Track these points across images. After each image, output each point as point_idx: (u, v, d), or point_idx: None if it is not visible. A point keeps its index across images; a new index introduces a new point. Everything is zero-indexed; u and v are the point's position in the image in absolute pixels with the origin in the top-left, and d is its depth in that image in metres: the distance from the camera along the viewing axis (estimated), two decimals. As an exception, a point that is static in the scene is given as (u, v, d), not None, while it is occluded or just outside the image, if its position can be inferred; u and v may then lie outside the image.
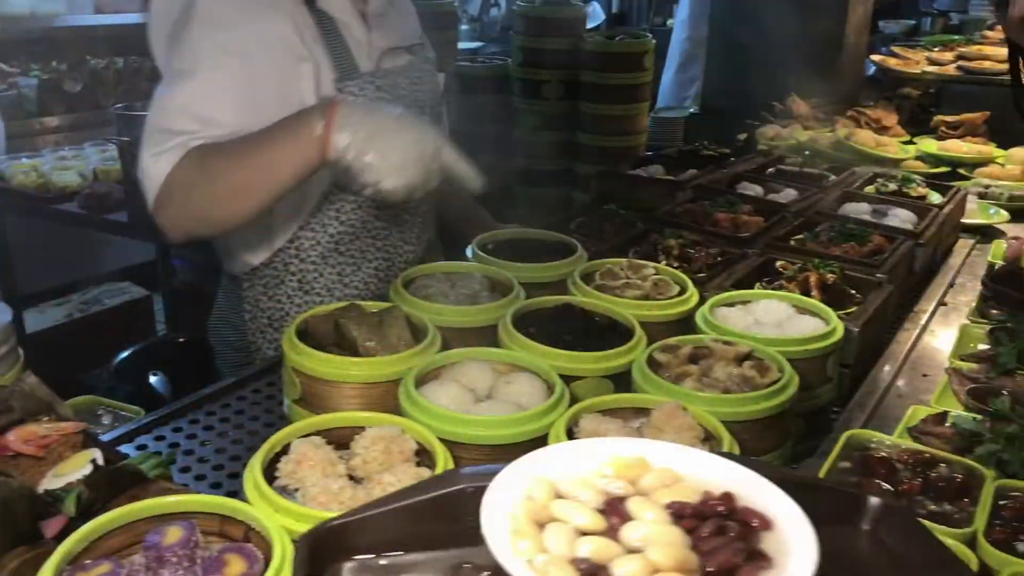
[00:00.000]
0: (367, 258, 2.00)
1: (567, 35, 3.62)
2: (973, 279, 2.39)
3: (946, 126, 3.70)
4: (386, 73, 1.92)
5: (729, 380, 1.40)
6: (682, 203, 2.35)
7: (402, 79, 1.96)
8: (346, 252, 1.97)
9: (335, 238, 1.95)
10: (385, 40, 1.93)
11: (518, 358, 1.41)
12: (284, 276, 1.97)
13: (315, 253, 1.96)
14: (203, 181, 1.65)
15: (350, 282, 1.99)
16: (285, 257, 1.96)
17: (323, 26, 1.85)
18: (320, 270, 1.97)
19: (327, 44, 1.85)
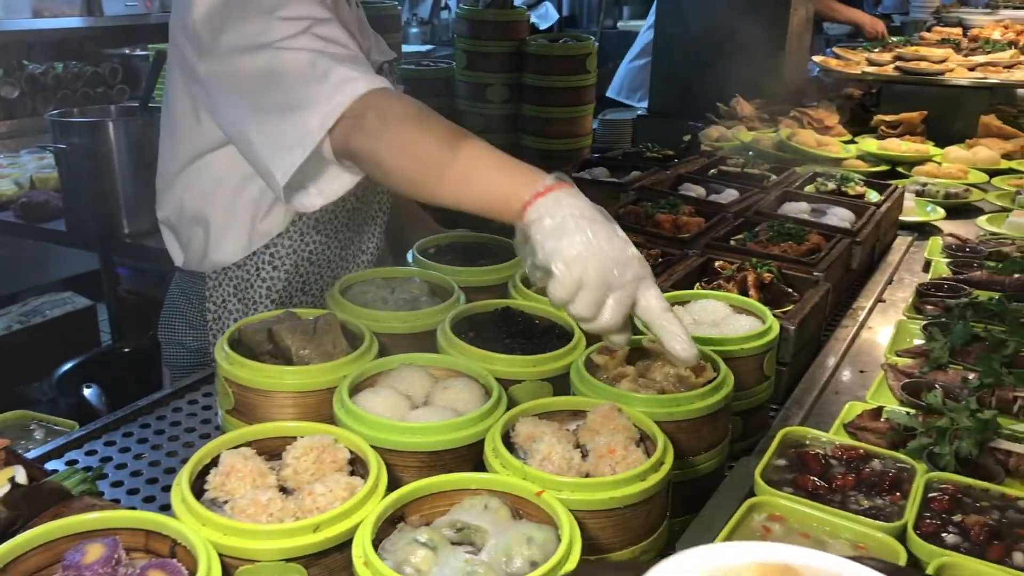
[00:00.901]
0: (331, 267, 1.99)
1: (510, 38, 3.62)
2: (911, 275, 2.44)
3: (886, 125, 3.77)
4: None
5: (665, 380, 1.40)
6: (625, 205, 2.36)
7: None
8: (316, 262, 1.95)
9: (310, 247, 1.93)
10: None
11: (455, 363, 1.40)
12: (254, 280, 1.94)
13: (289, 262, 1.92)
14: (401, 130, 1.46)
15: (311, 290, 1.97)
16: (259, 262, 1.92)
17: None
18: (290, 278, 1.94)
19: None
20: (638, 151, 2.90)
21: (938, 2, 7.62)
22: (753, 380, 1.56)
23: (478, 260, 1.86)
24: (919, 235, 2.72)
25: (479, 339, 1.49)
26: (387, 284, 1.71)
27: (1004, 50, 4.36)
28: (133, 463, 1.47)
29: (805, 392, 1.75)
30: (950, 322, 1.97)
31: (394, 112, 1.49)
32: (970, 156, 3.43)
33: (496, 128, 3.67)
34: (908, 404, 1.66)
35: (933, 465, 1.44)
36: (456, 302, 1.62)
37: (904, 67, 3.90)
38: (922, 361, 1.81)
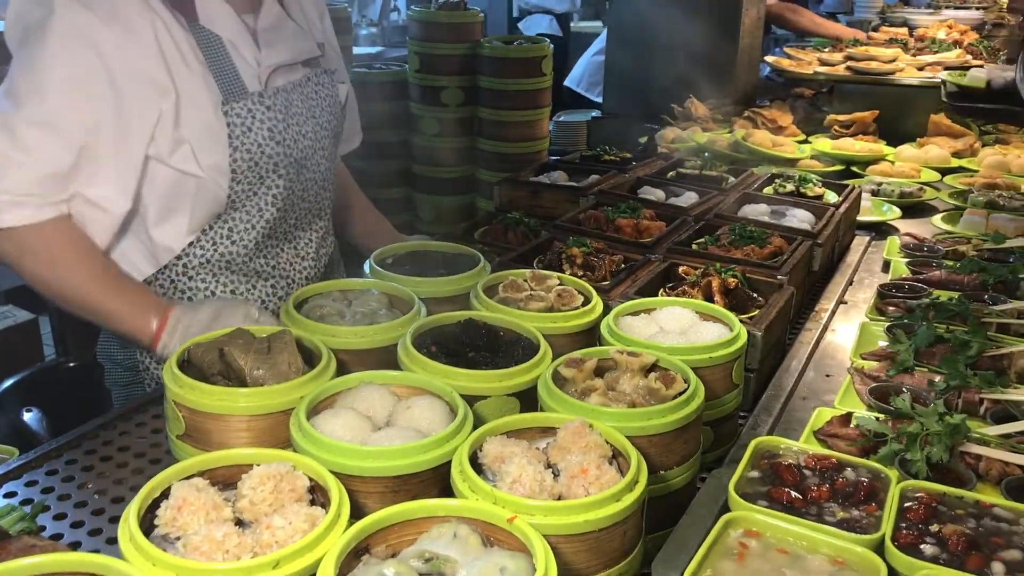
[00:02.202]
0: (262, 276, 1.91)
1: (463, 40, 3.57)
2: (870, 276, 2.44)
3: (839, 125, 3.80)
4: (277, 92, 1.84)
5: (635, 393, 1.37)
6: (585, 210, 2.33)
7: (296, 95, 1.88)
8: (238, 271, 1.88)
9: (225, 256, 1.86)
10: (276, 56, 1.84)
11: (417, 380, 1.35)
12: (172, 293, 1.87)
13: (205, 271, 1.86)
14: (50, 264, 1.70)
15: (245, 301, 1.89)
16: (172, 274, 1.86)
17: (206, 46, 1.76)
18: (211, 288, 1.88)
19: (211, 65, 1.76)
20: (596, 154, 2.87)
21: (882, 2, 7.75)
22: (722, 389, 1.53)
23: (437, 270, 1.81)
24: (876, 235, 2.73)
25: (442, 353, 1.44)
26: (344, 297, 1.65)
27: (950, 50, 4.43)
28: (77, 493, 1.39)
29: (773, 398, 1.72)
30: (913, 323, 1.97)
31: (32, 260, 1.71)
32: (922, 155, 3.47)
33: (451, 132, 3.63)
34: (876, 408, 1.65)
35: (905, 472, 1.42)
36: (416, 315, 1.57)
37: (855, 67, 3.94)
38: (888, 364, 1.80)
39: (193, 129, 1.74)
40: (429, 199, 3.77)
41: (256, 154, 1.79)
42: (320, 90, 1.95)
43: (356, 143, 2.25)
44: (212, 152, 1.76)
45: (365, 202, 2.34)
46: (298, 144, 1.87)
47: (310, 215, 1.99)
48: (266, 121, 1.79)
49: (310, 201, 1.97)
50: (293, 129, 1.86)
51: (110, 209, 1.73)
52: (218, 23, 1.79)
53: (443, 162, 3.69)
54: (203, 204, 1.80)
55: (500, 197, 2.57)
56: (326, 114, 1.96)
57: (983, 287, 2.18)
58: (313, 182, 1.95)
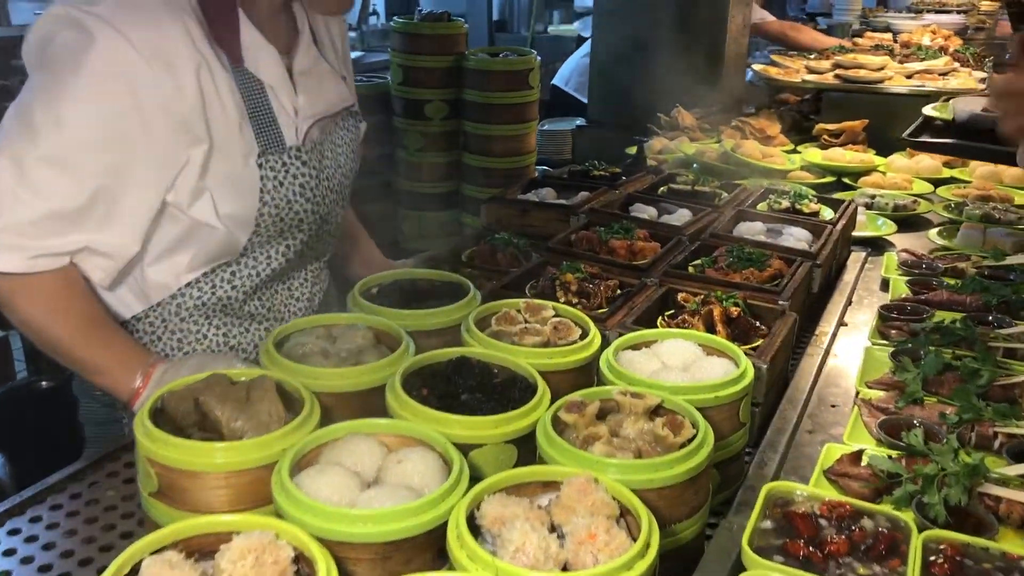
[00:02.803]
0: (256, 319, 1.82)
1: (447, 52, 3.48)
2: (869, 295, 2.38)
3: (828, 134, 3.74)
4: (314, 147, 1.74)
5: (640, 439, 1.29)
6: (576, 230, 2.25)
7: (328, 146, 1.79)
8: (233, 313, 1.78)
9: (223, 300, 1.76)
10: (314, 107, 1.74)
11: (408, 429, 1.26)
12: (162, 333, 1.77)
13: (199, 313, 1.76)
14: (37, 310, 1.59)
15: (237, 344, 1.80)
16: (164, 313, 1.75)
17: (248, 93, 1.66)
18: (204, 331, 1.77)
19: (251, 114, 1.65)
20: (584, 169, 2.79)
21: (861, 5, 7.74)
22: (729, 429, 1.45)
23: (426, 300, 1.72)
24: (872, 250, 2.67)
25: (433, 396, 1.35)
26: (327, 333, 1.55)
27: (937, 57, 4.39)
28: (42, 554, 1.29)
29: (778, 433, 1.65)
30: (917, 347, 1.91)
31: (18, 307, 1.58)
32: (913, 165, 3.42)
33: (436, 146, 3.54)
34: (887, 444, 1.58)
35: (923, 516, 1.35)
36: (405, 352, 1.48)
37: (843, 75, 3.88)
38: (896, 394, 1.73)
39: (218, 179, 1.63)
40: (413, 215, 3.68)
41: (284, 210, 1.70)
42: (346, 136, 1.86)
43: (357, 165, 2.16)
44: (234, 203, 1.65)
45: (366, 234, 2.25)
46: (326, 200, 1.79)
47: (311, 259, 1.90)
48: (299, 177, 1.70)
49: (317, 249, 1.88)
50: (324, 184, 1.77)
51: (116, 255, 1.62)
52: (262, 68, 1.67)
53: (427, 177, 3.60)
54: (211, 251, 1.71)
55: (487, 216, 2.49)
56: (350, 162, 1.87)
57: (986, 307, 2.12)
58: (328, 233, 1.87)
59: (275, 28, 1.71)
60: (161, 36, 1.54)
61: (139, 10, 1.53)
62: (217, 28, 1.60)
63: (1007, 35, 7.52)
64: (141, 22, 1.52)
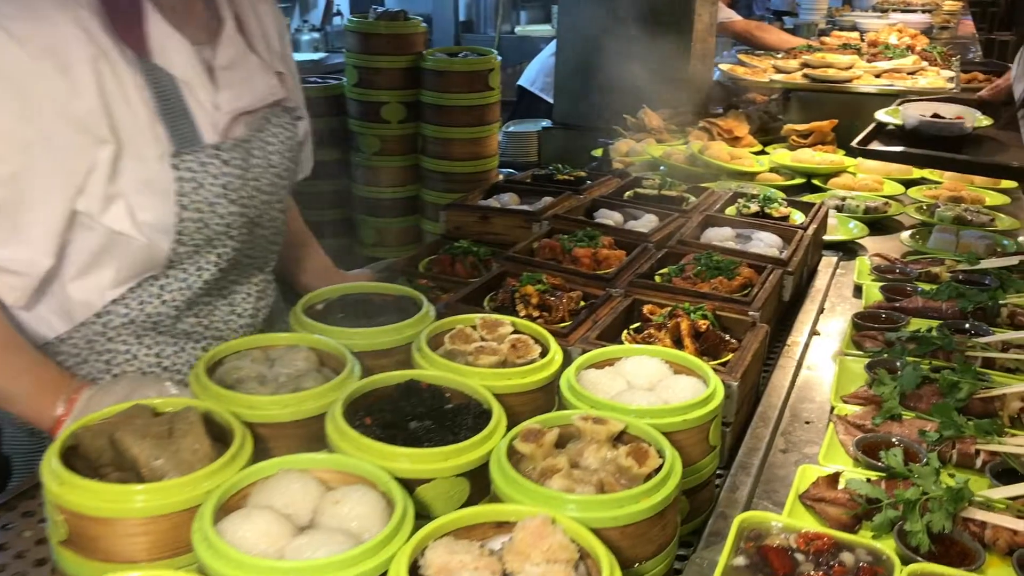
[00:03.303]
0: (192, 337, 1.68)
1: (404, 52, 3.35)
2: (842, 302, 2.30)
3: (797, 135, 3.68)
4: (236, 144, 1.60)
5: (603, 469, 1.19)
6: (539, 237, 2.14)
7: (255, 144, 1.65)
8: (165, 331, 1.65)
9: (152, 317, 1.63)
10: (236, 101, 1.61)
11: (347, 465, 1.15)
12: (88, 355, 1.63)
13: (127, 332, 1.63)
14: None
15: (171, 365, 1.66)
16: (89, 333, 1.62)
17: (157, 88, 1.52)
18: (133, 351, 1.64)
19: (162, 110, 1.52)
20: (548, 173, 2.69)
21: (827, 4, 7.72)
22: (698, 453, 1.35)
23: (377, 316, 1.61)
24: (844, 254, 2.60)
25: (378, 426, 1.24)
26: (265, 356, 1.44)
27: (905, 55, 4.35)
28: (-59, 610, 1.16)
29: (751, 454, 1.56)
30: (893, 357, 1.83)
31: None
32: (882, 166, 3.36)
33: (393, 150, 3.41)
34: (865, 465, 1.49)
35: (905, 545, 1.26)
36: (349, 376, 1.37)
37: (812, 74, 3.82)
38: (872, 409, 1.65)
39: (131, 183, 1.50)
40: (370, 221, 3.55)
41: (207, 214, 1.56)
42: (280, 134, 1.71)
43: (307, 171, 2.01)
44: (152, 209, 1.51)
45: (313, 243, 2.11)
46: (254, 202, 1.65)
47: (252, 269, 1.76)
48: (221, 177, 1.56)
49: (256, 257, 1.74)
50: (251, 185, 1.63)
51: (27, 272, 1.48)
52: (173, 61, 1.54)
53: (385, 182, 3.47)
54: (134, 263, 1.56)
55: (448, 223, 2.38)
56: (285, 161, 1.72)
57: (962, 314, 2.05)
58: (264, 239, 1.73)
59: (190, 18, 1.59)
60: (49, 30, 1.41)
61: (21, 3, 1.40)
62: (118, 19, 1.47)
63: (969, 34, 7.55)
64: (23, 16, 1.39)
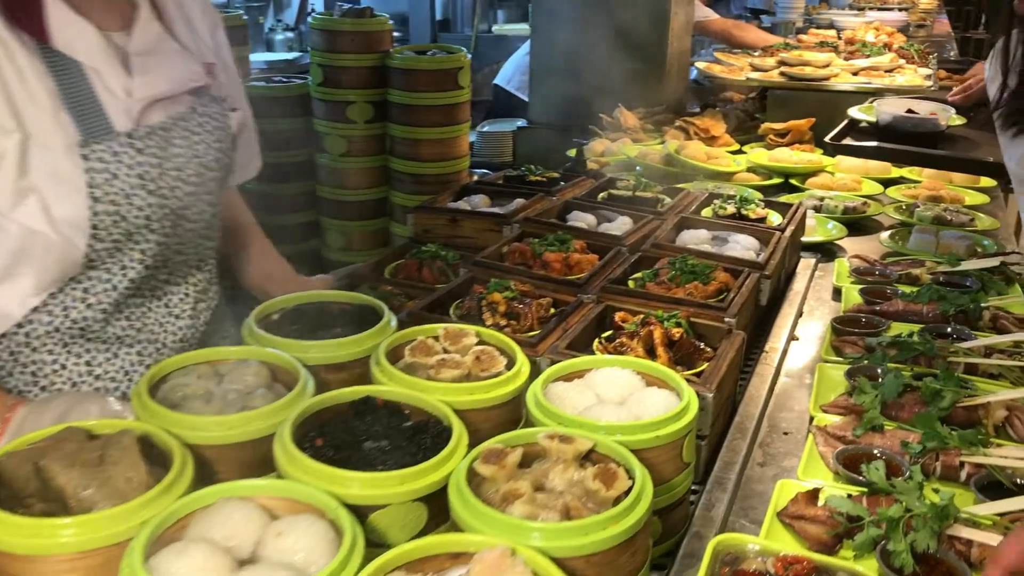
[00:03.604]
0: (124, 343, 1.59)
1: (371, 51, 3.26)
2: (821, 305, 2.24)
3: (774, 134, 3.62)
4: (152, 131, 1.52)
5: (570, 491, 1.11)
6: (509, 241, 2.07)
7: (177, 133, 1.56)
8: (95, 338, 1.56)
9: (79, 323, 1.54)
10: (152, 87, 1.52)
11: (293, 491, 1.07)
12: (12, 368, 1.55)
13: (52, 341, 1.54)
14: None
15: (104, 373, 1.58)
16: (12, 345, 1.53)
17: (61, 75, 1.44)
18: (61, 360, 1.56)
19: (66, 98, 1.44)
20: (520, 175, 2.62)
21: (804, 2, 7.70)
22: (671, 471, 1.28)
23: (334, 327, 1.53)
24: (822, 256, 2.54)
25: (330, 447, 1.17)
26: (213, 371, 1.35)
27: (882, 53, 4.31)
28: None
29: (727, 468, 1.49)
30: (874, 363, 1.77)
31: None
32: (861, 165, 3.31)
33: (361, 151, 3.31)
34: (846, 479, 1.43)
35: (888, 566, 1.20)
36: (301, 393, 1.29)
37: (789, 72, 3.77)
38: (853, 420, 1.59)
39: (42, 176, 1.41)
40: (338, 225, 3.45)
41: (123, 207, 1.47)
42: (207, 123, 1.63)
43: (253, 171, 1.93)
44: (64, 203, 1.43)
45: (263, 243, 2.01)
46: (176, 192, 1.56)
47: (187, 267, 1.67)
48: (136, 167, 1.47)
49: (188, 253, 1.65)
50: (171, 175, 1.54)
51: None
52: (76, 46, 1.45)
53: (352, 184, 3.36)
54: (53, 265, 1.47)
55: (415, 226, 2.30)
56: (213, 152, 1.64)
57: (944, 318, 2.00)
58: (194, 232, 1.64)
59: (99, 3, 1.51)
60: None
61: None
62: (13, 5, 1.40)
63: (945, 33, 7.55)
64: None
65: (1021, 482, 1.40)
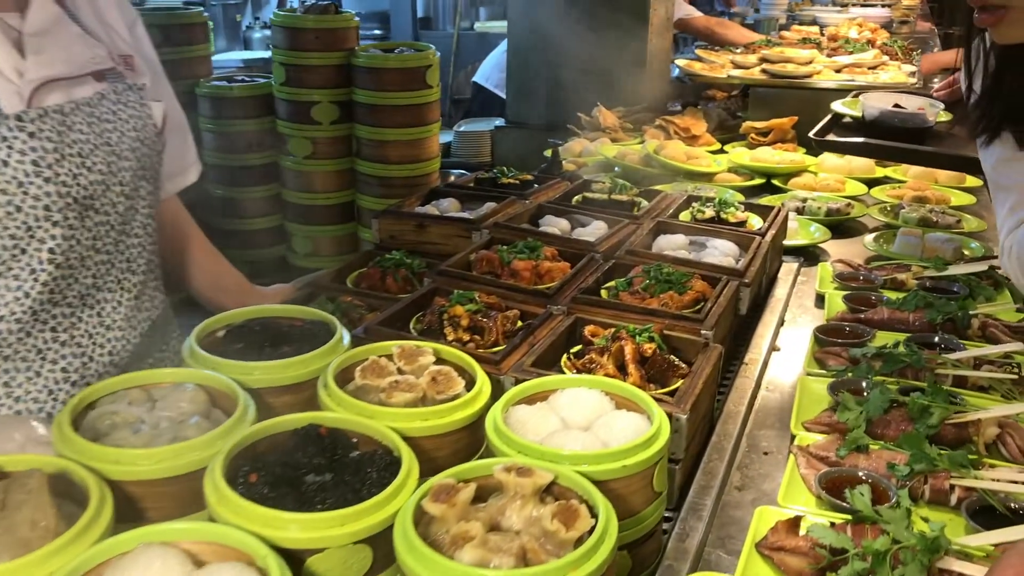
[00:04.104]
0: (48, 358, 1.48)
1: (336, 49, 3.13)
2: (804, 312, 2.16)
3: (756, 133, 3.54)
4: (45, 113, 1.41)
5: (527, 531, 1.02)
6: (476, 248, 1.97)
7: (80, 117, 1.45)
8: (14, 356, 1.44)
9: None
10: (46, 68, 1.41)
11: (221, 536, 0.97)
12: None
13: None
14: None
15: (25, 394, 1.46)
16: None
17: None
18: None
19: None
20: (492, 177, 2.52)
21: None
22: (641, 502, 1.19)
23: (282, 346, 1.43)
24: (805, 260, 2.45)
25: (265, 483, 1.06)
26: (147, 397, 1.25)
27: (865, 50, 4.23)
28: None
29: (703, 492, 1.40)
30: (858, 376, 1.69)
31: None
32: (845, 165, 3.23)
33: (326, 153, 3.19)
34: (829, 504, 1.34)
35: (874, 605, 1.11)
36: (240, 420, 1.18)
37: (770, 69, 3.68)
38: (836, 439, 1.50)
39: None
40: (304, 230, 3.32)
41: (15, 195, 1.35)
42: (121, 111, 1.51)
43: (191, 177, 1.82)
44: None
45: (208, 251, 1.90)
46: (80, 180, 1.43)
47: (116, 271, 1.55)
48: (29, 152, 1.36)
49: (109, 252, 1.52)
50: (72, 161, 1.42)
51: None
52: None
53: (318, 187, 3.24)
54: None
55: (380, 232, 2.20)
56: (128, 140, 1.52)
57: (931, 326, 1.91)
58: (109, 227, 1.51)
59: None
60: None
61: None
62: None
63: (928, 29, 7.50)
64: None
65: (1016, 507, 1.32)
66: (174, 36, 3.03)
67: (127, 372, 1.32)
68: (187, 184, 1.79)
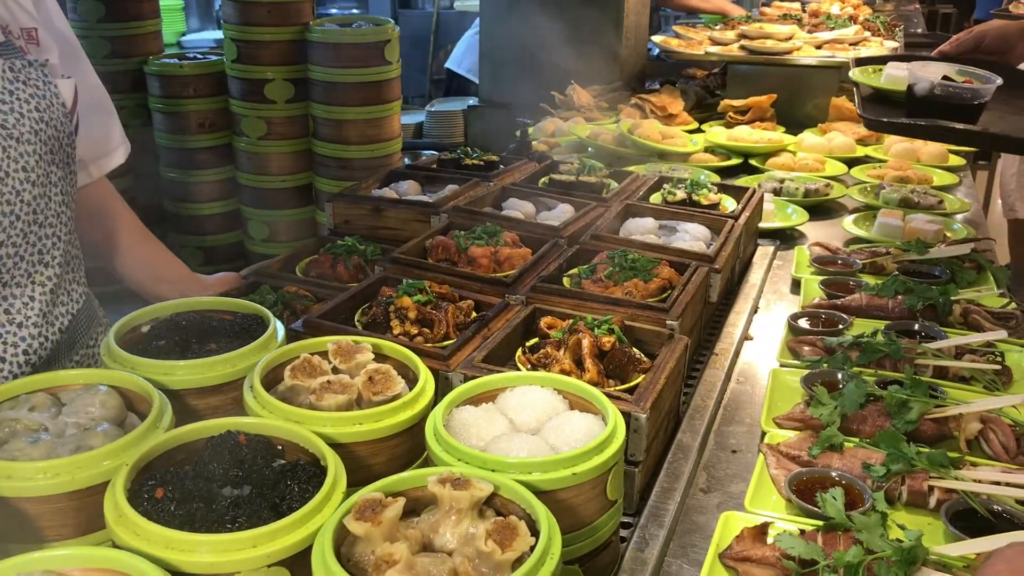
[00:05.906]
0: None
1: (289, 23, 2.98)
2: (779, 298, 2.06)
3: (734, 111, 3.43)
4: None
5: (461, 552, 0.92)
6: (432, 234, 1.86)
7: None
8: None
9: None
10: None
11: (113, 562, 0.86)
12: None
13: None
14: None
15: None
16: None
17: None
18: None
19: None
20: (455, 158, 2.40)
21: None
22: (594, 511, 1.09)
23: (209, 342, 1.32)
24: (781, 243, 2.36)
25: (173, 499, 0.96)
26: (54, 401, 1.14)
27: (847, 26, 4.12)
28: None
29: (665, 495, 1.31)
30: (833, 367, 1.60)
31: None
32: (825, 144, 3.13)
33: (281, 134, 3.05)
34: (799, 509, 1.25)
35: (845, 621, 1.02)
36: (152, 426, 1.08)
37: (749, 46, 3.57)
38: (809, 436, 1.41)
39: None
40: (260, 214, 3.18)
41: None
42: (20, 90, 1.37)
43: (118, 159, 1.69)
44: None
45: (140, 235, 1.77)
46: None
47: (26, 264, 1.41)
48: None
49: (17, 245, 1.38)
50: None
51: None
52: None
53: (273, 170, 3.10)
54: None
55: (335, 216, 2.09)
56: (28, 121, 1.37)
57: (911, 313, 1.82)
58: (15, 218, 1.36)
59: None
60: None
61: None
62: None
63: (912, 7, 7.39)
64: None
65: (998, 509, 1.23)
66: (118, 11, 2.87)
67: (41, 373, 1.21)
68: (113, 166, 1.67)
